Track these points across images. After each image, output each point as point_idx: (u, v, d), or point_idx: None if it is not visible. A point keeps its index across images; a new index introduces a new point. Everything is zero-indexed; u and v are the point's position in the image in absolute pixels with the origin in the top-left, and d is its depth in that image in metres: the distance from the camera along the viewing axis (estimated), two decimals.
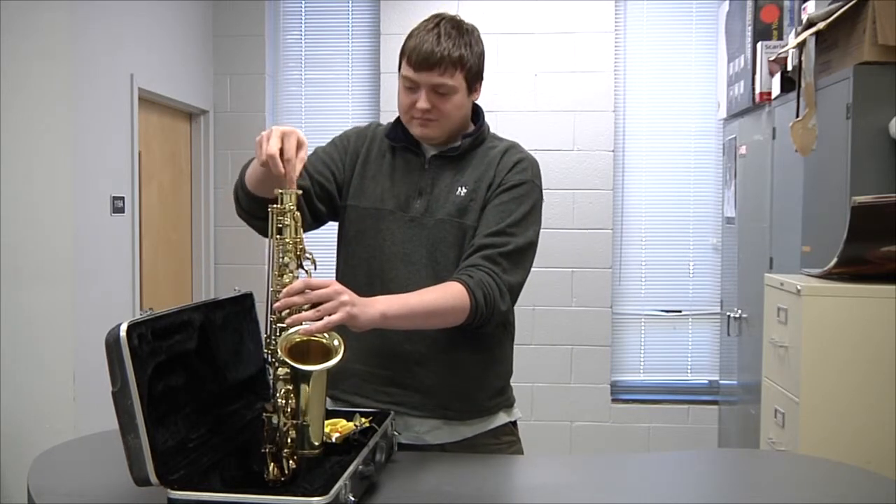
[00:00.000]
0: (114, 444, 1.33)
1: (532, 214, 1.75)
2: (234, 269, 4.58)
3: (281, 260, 1.45)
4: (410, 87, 1.72)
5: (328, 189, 1.79)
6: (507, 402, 1.86)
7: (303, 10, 4.68)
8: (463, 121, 1.80)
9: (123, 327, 1.26)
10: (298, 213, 1.47)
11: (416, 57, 1.69)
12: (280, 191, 1.46)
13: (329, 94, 4.68)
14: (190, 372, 1.45)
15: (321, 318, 1.40)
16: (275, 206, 1.46)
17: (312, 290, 1.42)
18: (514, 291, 1.72)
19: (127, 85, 3.59)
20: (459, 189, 1.75)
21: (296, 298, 1.41)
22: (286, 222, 1.45)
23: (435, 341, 1.72)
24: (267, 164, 1.44)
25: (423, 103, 1.70)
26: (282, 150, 1.45)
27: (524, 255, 1.72)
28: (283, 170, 1.44)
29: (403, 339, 1.73)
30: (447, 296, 1.61)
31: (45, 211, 3.08)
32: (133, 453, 1.26)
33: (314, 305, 1.42)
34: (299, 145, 1.47)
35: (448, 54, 1.68)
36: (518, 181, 1.75)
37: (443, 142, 1.80)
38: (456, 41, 1.70)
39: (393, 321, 1.55)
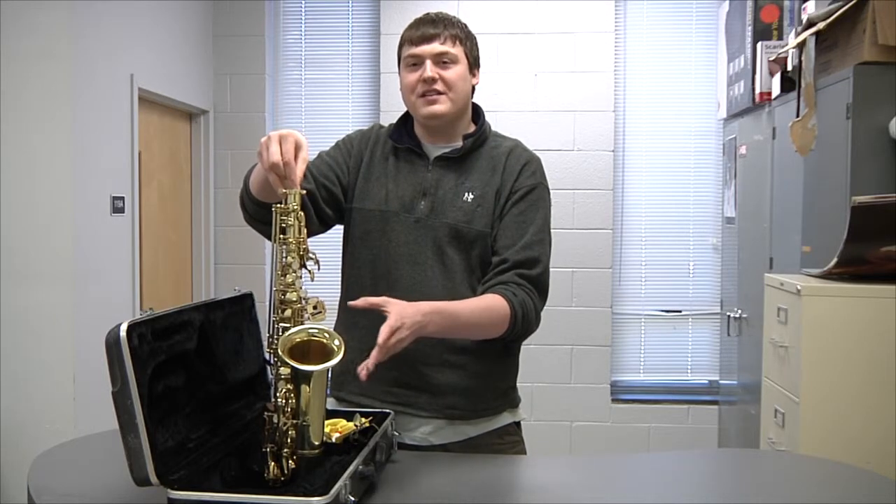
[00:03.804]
0: (114, 444, 1.33)
1: (548, 219, 1.83)
2: (234, 269, 4.58)
3: (284, 260, 1.46)
4: (414, 63, 1.78)
5: (334, 192, 1.80)
6: (513, 403, 1.87)
7: (303, 10, 4.68)
8: (466, 103, 1.83)
9: (123, 327, 1.26)
10: (302, 214, 1.47)
11: (416, 34, 1.78)
12: (284, 191, 1.46)
13: (329, 94, 4.68)
14: (190, 372, 1.45)
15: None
16: (279, 205, 1.47)
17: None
18: (542, 308, 1.78)
19: (127, 85, 3.59)
20: (466, 195, 1.77)
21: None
22: (290, 222, 1.46)
23: (441, 341, 1.73)
24: (272, 171, 1.46)
25: (429, 71, 1.75)
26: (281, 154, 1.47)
27: (548, 277, 1.79)
28: (284, 174, 1.46)
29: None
30: (494, 314, 1.68)
31: (45, 211, 3.08)
32: (133, 453, 1.26)
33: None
34: (298, 147, 1.48)
35: (445, 28, 1.78)
36: (529, 187, 1.79)
37: (445, 131, 1.82)
38: (450, 23, 1.81)
39: (436, 334, 1.60)
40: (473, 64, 1.83)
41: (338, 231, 1.89)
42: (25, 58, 3.05)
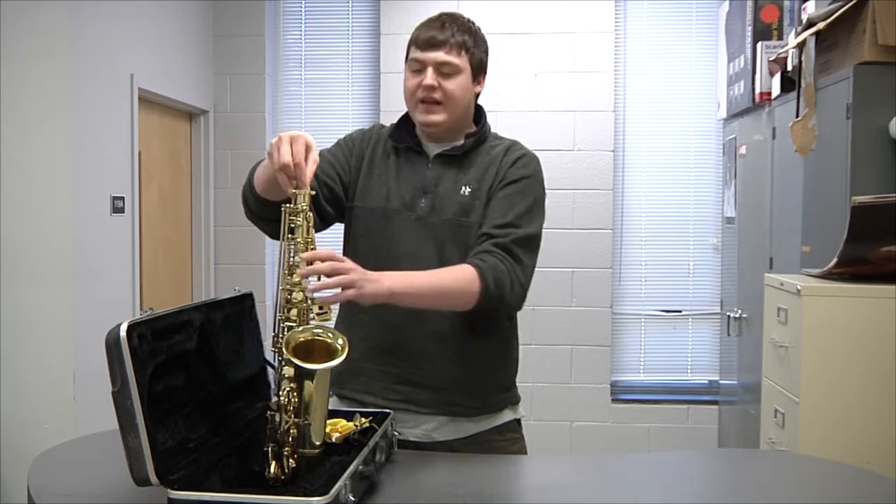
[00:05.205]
0: (114, 444, 1.33)
1: (536, 207, 1.78)
2: (234, 269, 4.58)
3: (291, 260, 1.46)
4: (417, 69, 1.78)
5: (335, 191, 1.81)
6: (514, 399, 1.88)
7: (303, 10, 4.68)
8: (466, 111, 1.83)
9: (123, 327, 1.26)
10: (311, 214, 1.49)
11: (423, 38, 1.76)
12: (294, 191, 1.47)
13: (329, 94, 4.68)
14: (190, 372, 1.45)
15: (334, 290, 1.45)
16: (288, 205, 1.48)
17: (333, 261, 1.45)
18: (525, 277, 1.72)
19: (127, 85, 3.59)
20: (464, 189, 1.78)
21: (320, 266, 1.43)
22: (298, 222, 1.47)
23: (443, 338, 1.74)
24: (282, 171, 1.48)
25: (429, 79, 1.75)
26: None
27: (532, 245, 1.75)
28: (295, 175, 1.48)
29: (412, 336, 1.75)
30: (458, 277, 1.64)
31: (45, 211, 3.08)
32: (133, 453, 1.26)
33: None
34: (308, 148, 1.50)
35: (453, 36, 1.76)
36: (520, 175, 1.78)
37: (445, 136, 1.82)
38: (460, 28, 1.78)
39: (400, 298, 1.58)
40: (478, 72, 1.83)
41: (338, 230, 1.90)
42: (25, 58, 3.05)
